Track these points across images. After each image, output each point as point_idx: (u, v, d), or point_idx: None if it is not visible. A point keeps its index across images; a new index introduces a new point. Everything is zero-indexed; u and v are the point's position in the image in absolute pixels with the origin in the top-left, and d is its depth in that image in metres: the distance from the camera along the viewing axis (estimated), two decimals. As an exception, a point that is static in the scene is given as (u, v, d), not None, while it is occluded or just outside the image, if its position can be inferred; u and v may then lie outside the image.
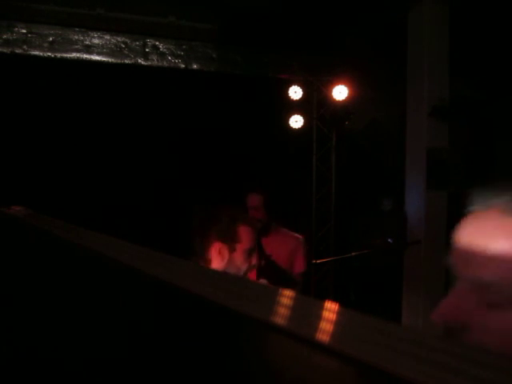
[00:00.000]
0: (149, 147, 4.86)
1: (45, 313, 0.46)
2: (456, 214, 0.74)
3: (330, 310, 0.26)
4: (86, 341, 0.39)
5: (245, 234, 1.68)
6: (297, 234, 3.07)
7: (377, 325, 0.24)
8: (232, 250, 1.67)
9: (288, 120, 5.06)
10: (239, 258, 1.67)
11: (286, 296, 0.29)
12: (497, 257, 0.64)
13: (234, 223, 1.69)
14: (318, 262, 4.16)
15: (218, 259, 1.67)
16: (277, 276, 2.79)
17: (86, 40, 4.10)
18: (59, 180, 4.45)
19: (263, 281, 1.94)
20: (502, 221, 0.65)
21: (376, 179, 5.42)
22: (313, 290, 4.93)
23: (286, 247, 2.95)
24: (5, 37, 3.87)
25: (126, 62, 4.23)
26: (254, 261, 1.71)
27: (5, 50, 3.87)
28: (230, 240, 1.67)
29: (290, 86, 4.85)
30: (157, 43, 4.33)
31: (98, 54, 4.14)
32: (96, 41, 4.13)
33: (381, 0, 4.21)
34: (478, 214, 0.68)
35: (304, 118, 5.07)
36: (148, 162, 4.87)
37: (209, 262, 1.69)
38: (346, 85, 4.65)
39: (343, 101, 4.71)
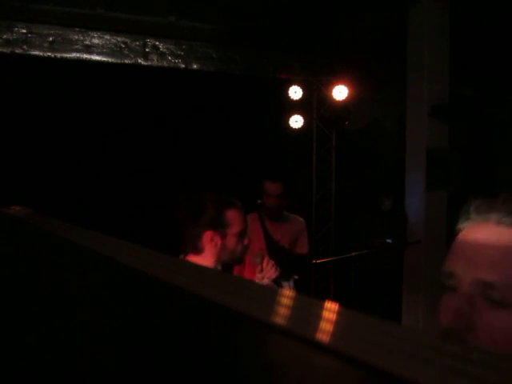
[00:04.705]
0: (149, 147, 4.86)
1: (45, 313, 0.46)
2: (456, 214, 0.75)
3: (330, 310, 0.27)
4: (85, 341, 0.39)
5: (234, 218, 1.70)
6: (299, 217, 3.33)
7: (377, 325, 0.24)
8: (224, 235, 1.68)
9: (288, 120, 5.06)
10: (232, 242, 1.69)
11: (286, 296, 0.29)
12: (500, 257, 0.65)
13: (221, 209, 1.69)
14: (318, 262, 4.16)
15: (211, 247, 1.68)
16: (287, 261, 2.96)
17: (86, 40, 4.10)
18: (59, 180, 4.45)
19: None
20: (499, 230, 0.66)
21: (376, 179, 5.42)
22: (313, 290, 4.93)
23: (291, 232, 3.21)
24: (5, 37, 3.86)
25: (126, 62, 4.23)
26: (246, 241, 1.75)
27: (5, 50, 3.87)
28: (220, 226, 1.68)
29: (290, 85, 4.85)
30: (157, 43, 4.32)
31: (98, 54, 4.14)
32: (96, 41, 4.13)
33: (380, 0, 4.21)
34: (475, 225, 0.70)
35: (304, 118, 5.07)
36: (148, 161, 4.87)
37: (201, 250, 1.69)
38: (345, 85, 4.65)
39: (343, 101, 4.70)
